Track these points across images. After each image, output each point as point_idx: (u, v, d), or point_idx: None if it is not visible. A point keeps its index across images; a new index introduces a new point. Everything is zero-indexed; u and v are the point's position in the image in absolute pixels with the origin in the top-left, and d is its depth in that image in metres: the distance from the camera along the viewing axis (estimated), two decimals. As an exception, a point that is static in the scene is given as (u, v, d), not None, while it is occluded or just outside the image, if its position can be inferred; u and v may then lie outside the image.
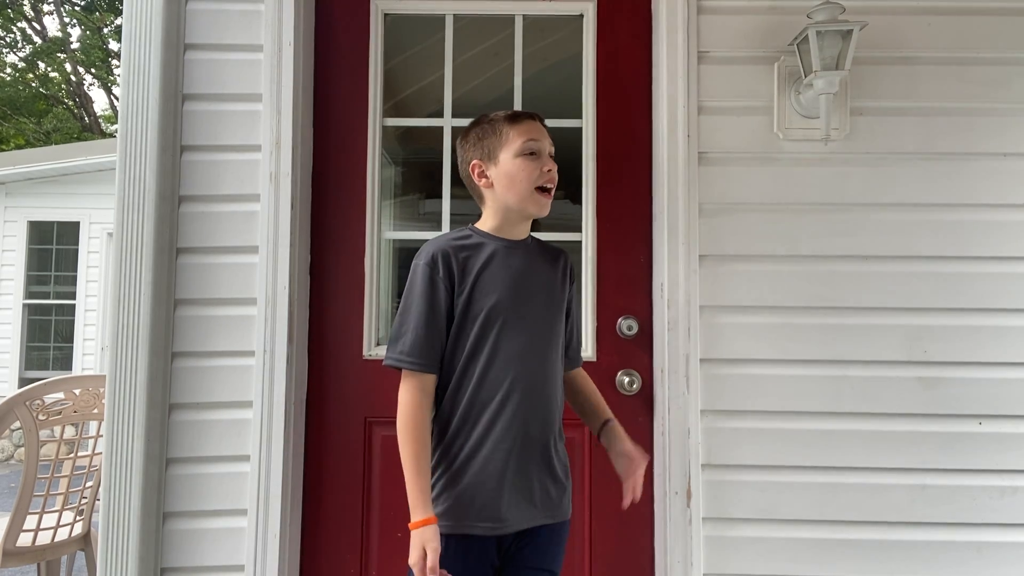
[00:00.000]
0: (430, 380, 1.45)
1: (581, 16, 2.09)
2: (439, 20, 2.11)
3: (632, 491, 1.56)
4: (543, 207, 1.51)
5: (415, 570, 1.35)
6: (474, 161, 1.53)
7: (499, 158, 1.50)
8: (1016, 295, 1.92)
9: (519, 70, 2.09)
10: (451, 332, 1.46)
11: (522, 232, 1.57)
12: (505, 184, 1.49)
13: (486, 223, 1.55)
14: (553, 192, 1.53)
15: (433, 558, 1.33)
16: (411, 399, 1.43)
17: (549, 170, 1.51)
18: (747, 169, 1.95)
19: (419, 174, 2.57)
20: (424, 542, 1.34)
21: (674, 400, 1.90)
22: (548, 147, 1.53)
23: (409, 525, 1.38)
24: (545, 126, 1.56)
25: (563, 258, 1.62)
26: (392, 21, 2.11)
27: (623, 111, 2.05)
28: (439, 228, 2.08)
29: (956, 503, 1.88)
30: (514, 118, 1.52)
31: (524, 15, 2.10)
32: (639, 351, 2.00)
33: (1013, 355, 1.91)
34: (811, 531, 1.88)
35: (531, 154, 1.49)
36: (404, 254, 2.35)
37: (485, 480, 1.43)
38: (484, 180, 1.53)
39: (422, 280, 1.44)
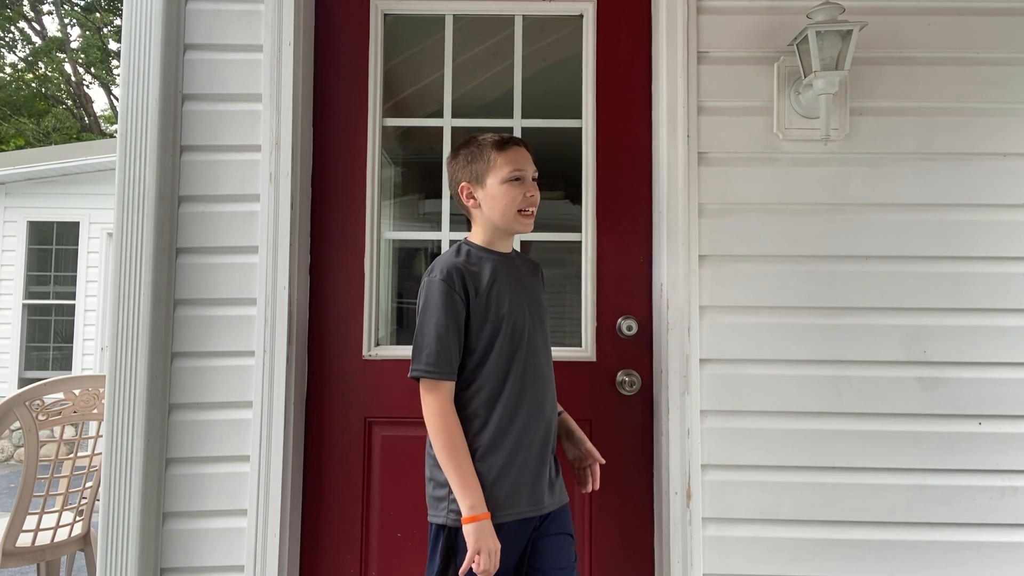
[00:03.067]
0: (452, 387, 1.56)
1: (581, 16, 2.09)
2: (439, 20, 2.11)
3: (593, 479, 1.74)
4: (526, 226, 1.65)
5: (486, 562, 1.45)
6: (463, 183, 1.64)
7: (486, 182, 1.61)
8: (1016, 295, 1.92)
9: (519, 70, 2.09)
10: (470, 340, 1.57)
11: (509, 246, 1.71)
12: (491, 206, 1.62)
13: (478, 237, 1.67)
14: (535, 212, 1.66)
15: (496, 558, 1.47)
16: (441, 406, 1.54)
17: (531, 195, 1.63)
18: (747, 169, 1.95)
19: (419, 174, 2.58)
20: (493, 536, 1.48)
21: (674, 400, 1.90)
22: (532, 173, 1.65)
23: (464, 520, 1.48)
24: (530, 152, 1.67)
25: (539, 268, 1.79)
26: (392, 21, 2.11)
27: (623, 111, 2.05)
28: (439, 228, 2.08)
29: (956, 503, 1.88)
30: (501, 145, 1.62)
31: (524, 15, 2.10)
32: (639, 351, 2.00)
33: (1013, 355, 1.91)
34: (811, 531, 1.88)
35: (516, 180, 1.61)
36: (404, 254, 2.35)
37: (519, 467, 1.56)
38: (472, 201, 1.64)
39: (440, 294, 1.54)
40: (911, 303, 1.92)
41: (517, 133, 2.07)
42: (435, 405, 1.54)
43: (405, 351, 2.03)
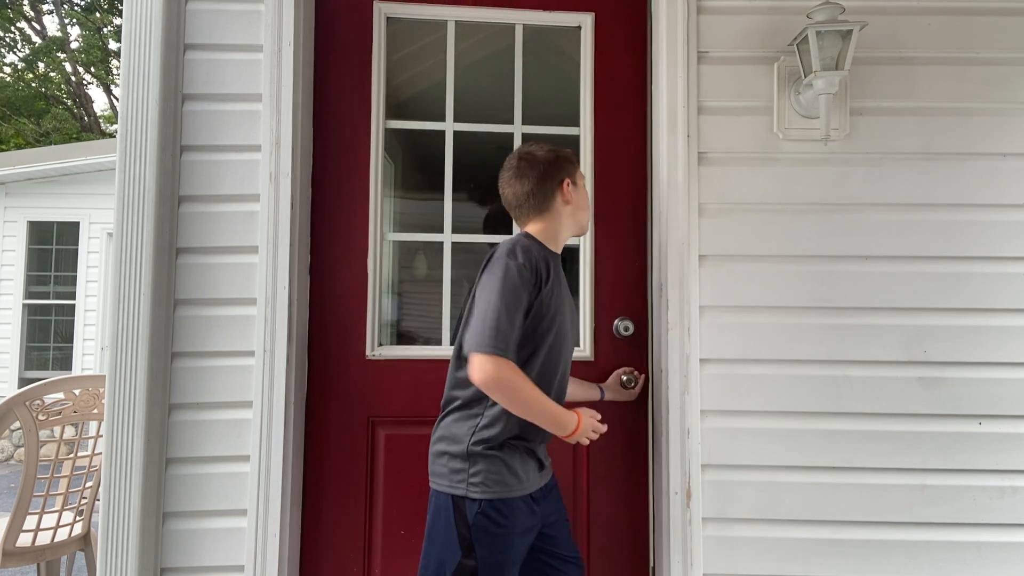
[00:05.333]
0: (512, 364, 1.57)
1: (579, 28, 2.09)
2: (441, 25, 2.11)
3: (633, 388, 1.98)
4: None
5: (596, 429, 1.63)
6: (568, 179, 1.70)
7: (580, 185, 1.74)
8: (1016, 295, 1.92)
9: (519, 77, 2.09)
10: (528, 326, 1.59)
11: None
12: (581, 206, 1.74)
13: (544, 236, 1.69)
14: None
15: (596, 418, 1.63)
16: (508, 372, 1.53)
17: None
18: (747, 169, 1.95)
19: (419, 174, 2.58)
20: (592, 414, 1.63)
21: (674, 400, 1.90)
22: None
23: (566, 438, 1.59)
24: None
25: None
26: (394, 24, 2.11)
27: (619, 119, 2.06)
28: (440, 229, 2.08)
29: (956, 503, 1.88)
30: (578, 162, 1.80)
31: (524, 24, 2.10)
32: (638, 351, 2.00)
33: (1013, 355, 1.91)
34: (811, 531, 1.88)
35: None
36: (404, 254, 2.35)
37: (536, 443, 1.63)
38: (569, 196, 1.70)
39: (516, 278, 1.56)
40: (911, 303, 1.92)
41: (517, 140, 2.09)
42: (502, 375, 1.51)
43: (409, 351, 2.04)
